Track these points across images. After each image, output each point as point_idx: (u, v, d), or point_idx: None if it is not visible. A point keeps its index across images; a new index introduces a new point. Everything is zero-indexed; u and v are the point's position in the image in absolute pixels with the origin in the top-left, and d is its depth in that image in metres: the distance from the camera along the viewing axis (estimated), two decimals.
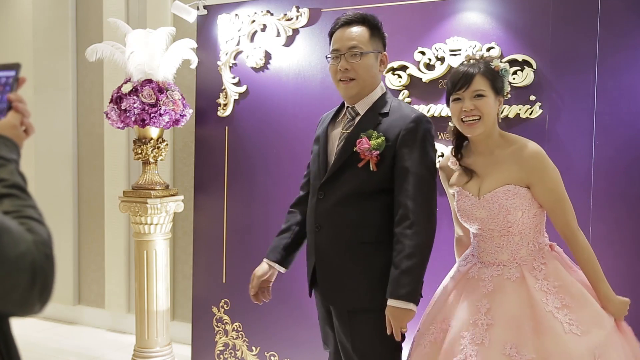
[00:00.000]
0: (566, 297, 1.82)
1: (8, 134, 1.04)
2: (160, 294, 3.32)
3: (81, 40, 4.33)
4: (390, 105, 2.01)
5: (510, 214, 1.87)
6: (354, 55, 1.97)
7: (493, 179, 1.91)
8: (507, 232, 1.90)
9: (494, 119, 1.92)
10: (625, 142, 2.53)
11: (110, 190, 4.19)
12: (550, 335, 1.75)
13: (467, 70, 1.90)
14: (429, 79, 2.88)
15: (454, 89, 1.90)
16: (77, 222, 4.49)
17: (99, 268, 4.39)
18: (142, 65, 3.16)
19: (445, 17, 2.86)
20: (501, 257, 1.92)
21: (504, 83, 1.94)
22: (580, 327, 1.77)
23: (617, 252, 2.55)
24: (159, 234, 3.32)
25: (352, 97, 2.03)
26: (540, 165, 1.87)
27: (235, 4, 3.38)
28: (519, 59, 2.68)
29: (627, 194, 2.53)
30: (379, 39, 2.04)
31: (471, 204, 1.94)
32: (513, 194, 1.87)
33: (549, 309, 1.79)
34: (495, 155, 1.93)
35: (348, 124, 2.03)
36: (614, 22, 2.54)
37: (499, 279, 1.90)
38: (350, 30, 2.00)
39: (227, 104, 3.37)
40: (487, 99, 1.88)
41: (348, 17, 2.02)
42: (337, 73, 2.01)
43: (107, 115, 3.21)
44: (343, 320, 2.00)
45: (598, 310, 1.83)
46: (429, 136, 1.96)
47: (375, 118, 1.99)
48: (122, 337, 4.15)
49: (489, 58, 1.99)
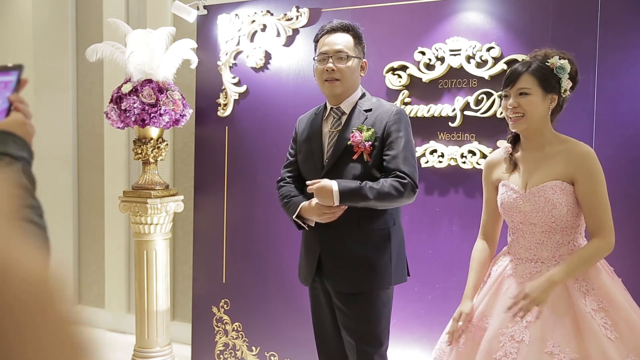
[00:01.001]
0: (603, 300, 1.82)
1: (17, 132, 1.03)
2: (160, 294, 3.32)
3: (81, 40, 4.33)
4: (371, 102, 2.24)
5: (555, 208, 1.89)
6: (340, 59, 2.18)
7: (541, 173, 1.94)
8: (549, 228, 1.91)
9: (541, 116, 1.94)
10: (625, 142, 2.53)
11: (110, 190, 4.19)
12: (590, 336, 1.75)
13: (516, 68, 1.97)
14: (429, 79, 2.88)
15: (503, 87, 2.00)
16: (77, 222, 4.49)
17: (99, 268, 4.39)
18: (142, 65, 3.16)
19: (445, 17, 2.86)
20: (541, 253, 1.93)
21: (559, 82, 1.95)
22: (614, 332, 1.76)
23: (617, 252, 2.54)
24: (159, 234, 3.32)
25: (336, 96, 2.23)
26: (587, 163, 1.89)
27: (235, 4, 3.38)
28: (519, 59, 2.68)
29: (627, 194, 2.53)
30: (361, 47, 2.27)
31: (516, 196, 1.96)
32: (560, 190, 1.89)
33: (587, 309, 1.79)
34: (546, 152, 1.96)
35: (336, 123, 2.24)
36: (614, 22, 2.54)
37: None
38: (337, 36, 2.21)
39: (227, 104, 3.37)
40: (531, 97, 1.93)
41: (334, 25, 2.23)
42: (323, 74, 2.20)
43: (107, 115, 3.21)
44: (346, 301, 2.18)
45: (633, 316, 1.82)
46: (409, 123, 2.22)
47: (362, 115, 2.20)
48: (122, 337, 4.15)
49: (550, 54, 1.98)
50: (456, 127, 2.83)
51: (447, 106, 2.85)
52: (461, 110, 2.81)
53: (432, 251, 2.86)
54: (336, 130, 2.22)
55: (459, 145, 2.85)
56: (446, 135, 2.86)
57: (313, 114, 2.36)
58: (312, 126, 2.31)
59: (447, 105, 2.85)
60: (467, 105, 2.81)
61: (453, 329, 2.01)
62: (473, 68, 2.79)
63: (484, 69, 2.77)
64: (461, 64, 2.82)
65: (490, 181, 2.12)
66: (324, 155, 2.23)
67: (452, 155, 2.85)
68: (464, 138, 2.84)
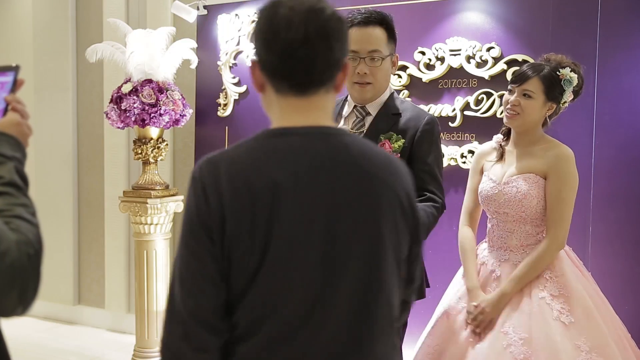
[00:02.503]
0: (563, 288, 1.93)
1: (12, 132, 1.03)
2: (160, 294, 3.32)
3: (81, 40, 4.32)
4: (400, 105, 2.00)
5: (525, 198, 1.98)
6: (373, 60, 1.91)
7: (519, 166, 2.04)
8: (520, 218, 2.01)
9: (536, 120, 2.03)
10: (625, 142, 2.53)
11: (110, 190, 4.19)
12: (539, 318, 1.88)
13: (527, 70, 2.02)
14: (429, 79, 2.88)
15: (510, 82, 2.06)
16: (77, 222, 4.48)
17: (99, 268, 4.38)
18: (142, 65, 3.16)
19: (445, 17, 2.86)
20: (511, 242, 2.04)
21: (562, 93, 2.02)
22: (570, 317, 1.87)
23: (617, 252, 2.55)
24: (159, 234, 3.31)
25: (365, 100, 1.99)
26: (561, 164, 1.98)
27: (235, 4, 3.37)
28: (519, 59, 2.68)
29: (627, 194, 2.53)
30: (393, 41, 1.97)
31: (492, 186, 2.06)
32: (532, 182, 1.99)
33: (542, 295, 1.91)
34: (529, 149, 2.05)
35: (358, 124, 2.00)
36: (614, 22, 2.54)
37: (505, 263, 2.02)
38: (369, 32, 1.91)
39: (227, 104, 3.37)
40: (533, 101, 2.00)
41: (366, 15, 1.92)
42: (353, 76, 1.93)
43: (107, 115, 3.21)
44: None
45: (589, 304, 1.91)
46: (439, 136, 2.02)
47: (390, 119, 1.96)
48: (122, 337, 4.15)
49: (564, 63, 2.03)
50: (456, 127, 2.84)
51: (447, 106, 2.85)
52: (461, 110, 2.81)
53: (432, 251, 2.86)
54: (358, 132, 1.98)
55: (459, 145, 2.85)
56: (446, 135, 2.86)
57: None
58: None
59: (447, 105, 2.85)
60: (467, 105, 2.81)
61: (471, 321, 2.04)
62: (473, 68, 2.79)
63: (484, 69, 2.77)
64: (461, 64, 2.82)
65: (477, 170, 2.21)
66: None
67: (452, 155, 2.85)
68: (464, 138, 2.84)
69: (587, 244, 2.59)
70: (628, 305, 2.47)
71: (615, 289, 2.00)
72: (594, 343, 1.82)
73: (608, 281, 2.45)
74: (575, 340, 1.83)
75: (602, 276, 2.44)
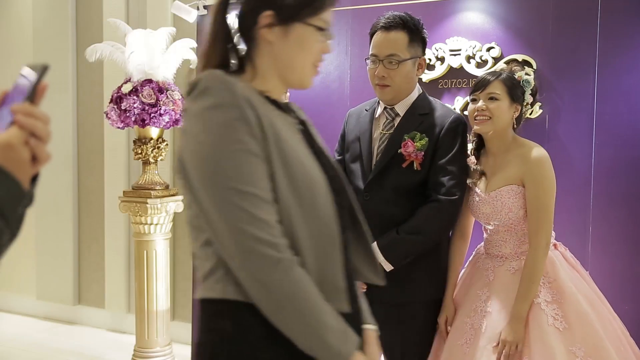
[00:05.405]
0: (557, 293, 1.93)
1: None
2: (160, 294, 3.32)
3: (81, 40, 4.33)
4: (429, 105, 2.09)
5: (511, 211, 1.99)
6: (390, 63, 2.01)
7: (499, 177, 2.03)
8: (509, 228, 2.02)
9: (506, 122, 2.03)
10: (625, 142, 2.53)
11: (110, 190, 4.19)
12: (534, 325, 1.88)
13: (486, 76, 2.06)
14: (429, 79, 2.88)
15: (472, 91, 2.06)
16: (77, 222, 4.49)
17: (99, 268, 4.39)
18: (142, 65, 3.16)
19: (445, 17, 2.86)
20: (504, 250, 2.05)
21: (523, 93, 2.07)
22: (563, 323, 1.87)
23: (617, 252, 2.56)
24: (159, 234, 3.32)
25: (387, 101, 2.09)
26: (537, 170, 1.97)
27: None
28: (519, 59, 2.68)
29: (627, 194, 2.53)
30: (419, 43, 2.06)
31: (479, 200, 2.06)
32: (515, 194, 1.99)
33: (537, 301, 1.91)
34: (505, 157, 2.04)
35: (388, 125, 2.10)
36: (614, 22, 2.54)
37: (499, 269, 2.03)
38: (389, 37, 2.01)
39: None
40: (500, 103, 2.00)
41: (388, 20, 2.02)
42: (374, 78, 2.06)
43: (107, 115, 3.21)
44: (390, 314, 2.02)
45: (584, 309, 1.91)
46: (465, 136, 2.07)
47: (416, 119, 2.05)
48: (122, 337, 4.15)
49: (515, 69, 2.12)
50: None
51: None
52: (461, 111, 2.81)
53: None
54: (388, 132, 2.08)
55: None
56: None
57: (363, 110, 2.20)
58: (361, 125, 2.16)
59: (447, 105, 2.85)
60: (467, 105, 2.81)
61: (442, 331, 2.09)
62: (473, 68, 2.80)
63: (484, 69, 2.77)
64: (461, 64, 2.82)
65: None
66: (373, 160, 2.09)
67: None
68: None
69: (587, 244, 2.59)
70: (628, 305, 2.47)
71: (615, 289, 2.00)
72: (589, 348, 1.83)
73: (608, 281, 2.45)
74: (569, 346, 1.84)
75: (602, 276, 2.44)
